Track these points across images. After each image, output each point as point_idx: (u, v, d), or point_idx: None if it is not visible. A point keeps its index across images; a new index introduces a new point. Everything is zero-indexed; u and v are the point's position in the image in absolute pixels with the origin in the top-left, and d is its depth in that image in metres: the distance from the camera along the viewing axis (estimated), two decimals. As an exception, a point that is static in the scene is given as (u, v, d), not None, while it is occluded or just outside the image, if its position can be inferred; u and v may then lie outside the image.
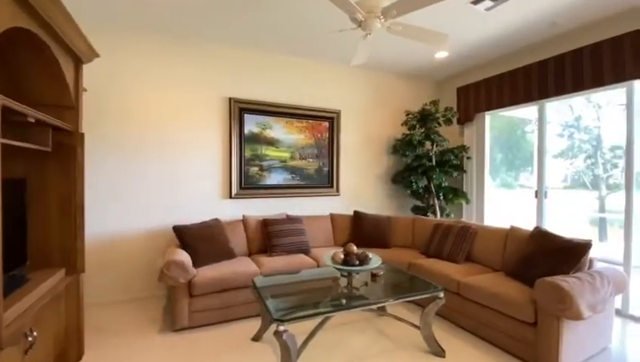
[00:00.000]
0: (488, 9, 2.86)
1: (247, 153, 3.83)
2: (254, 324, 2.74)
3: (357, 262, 2.39)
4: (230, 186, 3.73)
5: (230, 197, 3.73)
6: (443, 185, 4.28)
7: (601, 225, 6.64)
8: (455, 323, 2.76)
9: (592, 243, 2.32)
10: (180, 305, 2.62)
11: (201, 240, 3.01)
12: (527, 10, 2.90)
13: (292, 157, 4.09)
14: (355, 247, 2.52)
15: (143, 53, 3.36)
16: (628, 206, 3.06)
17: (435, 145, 4.35)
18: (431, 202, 4.39)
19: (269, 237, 3.39)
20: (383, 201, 4.77)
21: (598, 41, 3.03)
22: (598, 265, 2.42)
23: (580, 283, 2.05)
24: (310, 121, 4.19)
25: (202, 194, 3.63)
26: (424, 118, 4.30)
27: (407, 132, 4.45)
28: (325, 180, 4.32)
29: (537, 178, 3.83)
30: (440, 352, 2.28)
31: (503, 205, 5.31)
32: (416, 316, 2.81)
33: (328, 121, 4.31)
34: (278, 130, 4.00)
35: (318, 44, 3.67)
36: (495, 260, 2.99)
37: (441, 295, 2.27)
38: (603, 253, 3.52)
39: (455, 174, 4.31)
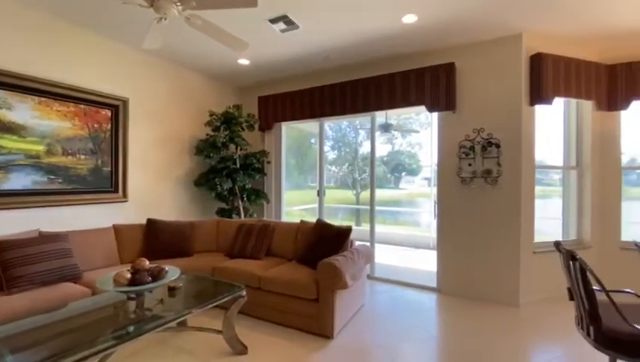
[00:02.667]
0: (283, 31, 3.24)
1: (-42, 142, 2.48)
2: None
3: (150, 279, 2.04)
4: None
5: None
6: (247, 187, 4.45)
7: (357, 213, 9.02)
8: (258, 317, 2.89)
9: (352, 228, 3.07)
10: None
11: None
12: (310, 41, 3.51)
13: (49, 152, 3.02)
14: (146, 262, 2.15)
15: None
16: (372, 199, 4.29)
17: (239, 149, 4.46)
18: (235, 204, 4.46)
19: (4, 268, 2.32)
20: (186, 206, 4.40)
21: (356, 79, 4.08)
22: (356, 244, 3.24)
23: (345, 259, 2.66)
24: (82, 106, 3.25)
25: None
26: (228, 121, 4.32)
27: (211, 133, 4.33)
28: (106, 183, 3.48)
29: (318, 180, 4.69)
30: (242, 350, 2.32)
31: (296, 204, 6.17)
32: (221, 321, 2.74)
33: (111, 109, 3.50)
34: (25, 112, 2.85)
35: (104, 14, 2.91)
36: (289, 251, 3.40)
37: (243, 293, 2.32)
38: (358, 234, 4.71)
39: (257, 177, 4.58)
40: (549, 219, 3.88)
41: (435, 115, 3.78)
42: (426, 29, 3.19)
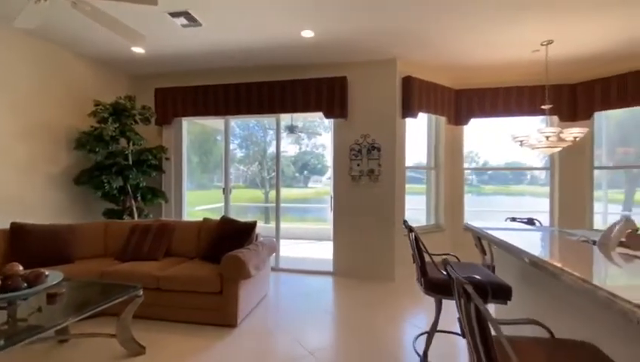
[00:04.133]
0: (184, 26, 3.18)
1: None
2: None
3: (25, 285, 1.81)
4: None
5: None
6: (141, 185, 4.13)
7: (266, 212, 9.19)
8: (158, 318, 2.79)
9: (257, 222, 3.24)
10: None
11: None
12: (214, 40, 3.53)
13: None
14: (20, 267, 1.90)
15: None
16: (277, 197, 4.54)
17: (131, 144, 4.10)
18: (127, 204, 4.09)
19: None
20: (63, 207, 3.82)
21: (261, 81, 4.26)
22: (260, 238, 3.42)
23: (249, 252, 2.83)
24: None
25: None
26: (118, 113, 3.93)
27: (97, 125, 3.87)
28: (-55, 181, 2.79)
29: (224, 178, 4.69)
30: (140, 350, 2.25)
31: (200, 204, 5.96)
32: (113, 326, 2.56)
33: (-48, 90, 2.82)
34: None
35: None
36: (192, 249, 3.36)
37: (140, 293, 2.25)
38: (268, 231, 4.87)
39: (154, 174, 4.30)
40: (421, 209, 4.82)
41: (332, 120, 4.26)
42: (322, 44, 3.60)
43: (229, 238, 3.08)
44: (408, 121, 4.17)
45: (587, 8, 2.84)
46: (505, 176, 6.16)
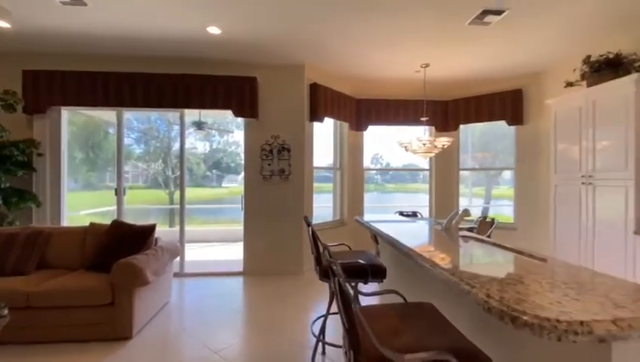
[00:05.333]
0: (65, 3, 2.76)
1: None
2: None
3: None
4: None
5: None
6: (3, 186, 3.40)
7: (171, 214, 8.47)
8: (30, 341, 2.38)
9: (156, 226, 3.04)
10: None
11: None
12: (104, 24, 3.14)
13: None
14: None
15: None
16: (182, 198, 4.29)
17: (-13, 135, 3.33)
18: (-19, 209, 3.32)
19: None
20: None
21: (163, 73, 3.95)
22: (160, 242, 3.21)
23: (146, 257, 2.65)
24: None
25: None
26: (-34, 96, 3.16)
27: None
28: None
29: (117, 177, 4.20)
30: (1, 382, 1.91)
31: (88, 207, 5.17)
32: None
33: None
34: None
35: None
36: (74, 259, 2.94)
37: (5, 312, 1.90)
38: (173, 234, 4.53)
39: (21, 173, 3.58)
40: (328, 206, 5.19)
41: (244, 119, 4.26)
42: (230, 42, 3.58)
43: (123, 244, 2.81)
44: (317, 124, 4.47)
45: (452, 42, 3.54)
46: (403, 175, 7.09)
